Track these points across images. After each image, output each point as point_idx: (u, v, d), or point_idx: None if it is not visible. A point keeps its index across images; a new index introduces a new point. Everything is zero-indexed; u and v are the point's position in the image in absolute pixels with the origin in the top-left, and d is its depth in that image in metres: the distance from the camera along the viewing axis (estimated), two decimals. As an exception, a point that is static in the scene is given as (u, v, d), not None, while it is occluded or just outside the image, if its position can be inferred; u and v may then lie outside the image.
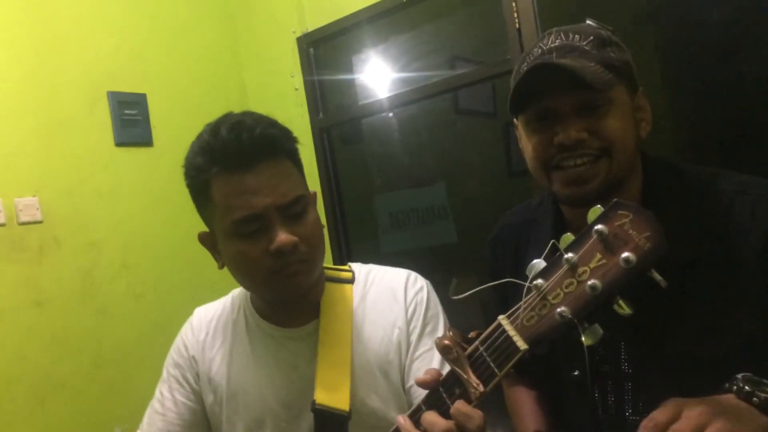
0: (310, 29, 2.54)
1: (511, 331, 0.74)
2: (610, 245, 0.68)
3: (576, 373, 0.98)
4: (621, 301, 0.69)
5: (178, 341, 1.22)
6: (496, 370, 0.75)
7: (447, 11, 2.30)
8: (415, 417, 0.81)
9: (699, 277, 0.90)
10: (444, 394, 0.79)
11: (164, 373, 1.22)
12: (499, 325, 0.75)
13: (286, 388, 1.10)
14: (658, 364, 0.91)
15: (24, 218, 2.03)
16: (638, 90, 1.01)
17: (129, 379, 2.18)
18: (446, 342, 0.77)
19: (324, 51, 2.59)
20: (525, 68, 0.96)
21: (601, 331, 0.71)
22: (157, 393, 1.21)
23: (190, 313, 1.25)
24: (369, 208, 2.54)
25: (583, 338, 0.70)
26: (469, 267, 1.13)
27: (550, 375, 1.06)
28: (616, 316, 0.69)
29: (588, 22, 1.01)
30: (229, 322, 1.18)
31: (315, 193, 1.11)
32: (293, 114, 2.58)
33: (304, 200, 1.03)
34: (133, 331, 2.24)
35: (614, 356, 0.97)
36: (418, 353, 1.10)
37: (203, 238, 1.10)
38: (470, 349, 0.77)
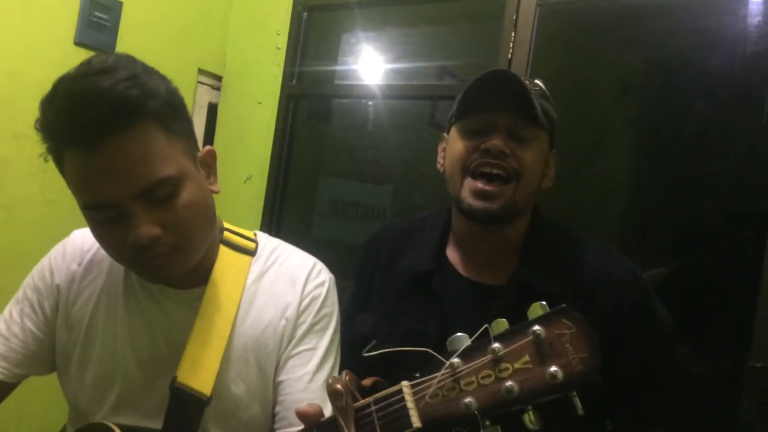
0: (310, -7, 2.40)
1: (410, 404, 0.65)
2: (542, 352, 0.60)
3: None
4: (532, 414, 0.61)
5: (44, 263, 1.04)
6: None
7: (447, 20, 2.21)
8: None
9: (554, 296, 0.93)
10: None
11: (20, 293, 1.05)
12: (400, 391, 0.67)
13: (149, 351, 0.97)
14: None
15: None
16: (553, 149, 1.15)
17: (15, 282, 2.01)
18: (338, 387, 0.68)
19: (317, 20, 2.45)
20: (482, 73, 1.07)
21: (501, 433, 0.63)
22: (6, 311, 1.04)
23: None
24: (313, 188, 2.43)
25: (483, 436, 0.62)
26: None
27: None
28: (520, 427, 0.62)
29: (536, 81, 1.15)
30: (108, 260, 1.01)
31: (212, 152, 0.96)
32: (268, 72, 2.43)
33: (173, 180, 0.84)
34: (34, 236, 2.06)
35: None
36: (297, 350, 0.98)
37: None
38: (362, 402, 0.69)
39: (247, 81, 2.51)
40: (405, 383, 0.67)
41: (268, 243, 1.07)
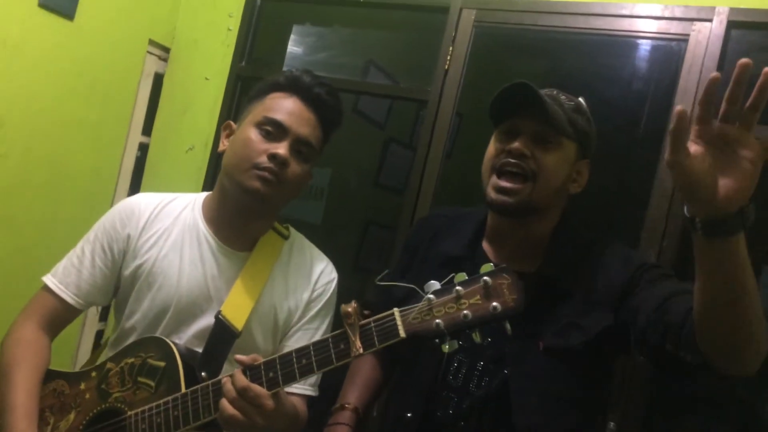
0: (265, -18, 2.70)
1: (399, 322, 1.05)
2: (488, 293, 1.01)
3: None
4: (477, 332, 1.03)
5: (115, 215, 1.39)
6: (376, 342, 1.06)
7: (394, 26, 2.59)
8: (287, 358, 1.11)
9: (571, 295, 1.27)
10: (331, 345, 1.09)
11: (91, 234, 1.39)
12: (392, 314, 1.06)
13: (200, 289, 1.33)
14: (532, 356, 1.25)
15: None
16: (586, 159, 1.35)
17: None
18: (349, 309, 1.06)
19: (270, 8, 2.74)
20: (506, 85, 1.27)
21: (456, 345, 1.04)
22: (78, 247, 1.39)
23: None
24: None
25: (445, 346, 1.03)
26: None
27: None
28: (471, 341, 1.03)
29: (580, 99, 1.37)
30: (174, 213, 1.39)
31: (311, 174, 1.40)
32: (217, 51, 2.70)
33: (311, 152, 1.35)
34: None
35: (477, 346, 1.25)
36: (305, 326, 1.39)
37: (227, 125, 1.42)
38: (364, 322, 1.07)
39: (195, 56, 2.76)
40: (396, 309, 1.06)
41: (297, 236, 1.47)
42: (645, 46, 2.14)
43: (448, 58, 2.29)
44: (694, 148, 0.88)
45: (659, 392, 2.00)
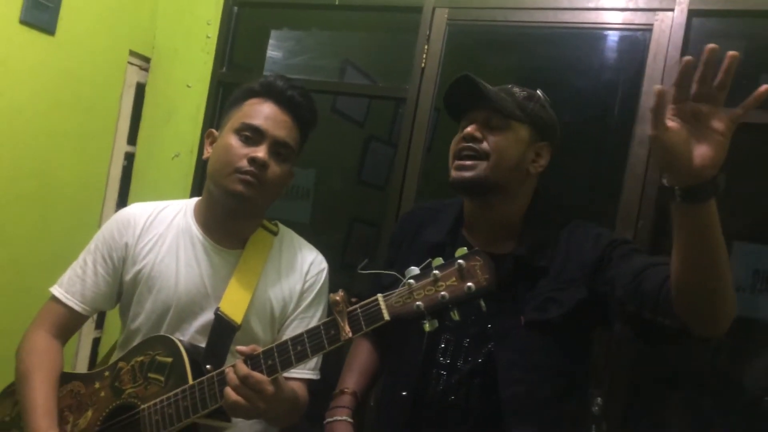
0: (241, -10, 2.78)
1: (383, 306, 1.15)
2: (463, 275, 1.11)
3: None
4: (455, 310, 1.13)
5: (112, 225, 1.50)
6: (363, 326, 1.16)
7: (370, 27, 2.68)
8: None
9: (547, 274, 1.40)
10: (322, 331, 1.19)
11: (92, 245, 1.50)
12: (376, 300, 1.17)
13: (197, 288, 1.44)
14: (515, 331, 1.38)
15: None
16: (546, 143, 1.46)
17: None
18: (337, 298, 1.17)
19: (247, 14, 2.83)
20: (451, 83, 1.43)
21: (436, 324, 1.13)
22: (80, 258, 1.50)
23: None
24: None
25: (426, 325, 1.12)
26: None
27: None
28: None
29: (537, 90, 1.50)
30: (167, 219, 1.50)
31: (292, 173, 1.51)
32: (198, 59, 2.78)
33: (290, 154, 1.46)
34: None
35: (462, 325, 1.38)
36: (301, 315, 1.50)
37: (209, 133, 1.49)
38: (351, 308, 1.18)
39: (175, 65, 2.84)
40: (379, 295, 1.17)
41: (286, 231, 1.58)
42: (612, 37, 2.25)
43: (424, 56, 2.39)
44: (671, 124, 1.00)
45: (643, 368, 2.11)
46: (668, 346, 1.64)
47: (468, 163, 1.40)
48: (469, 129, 1.40)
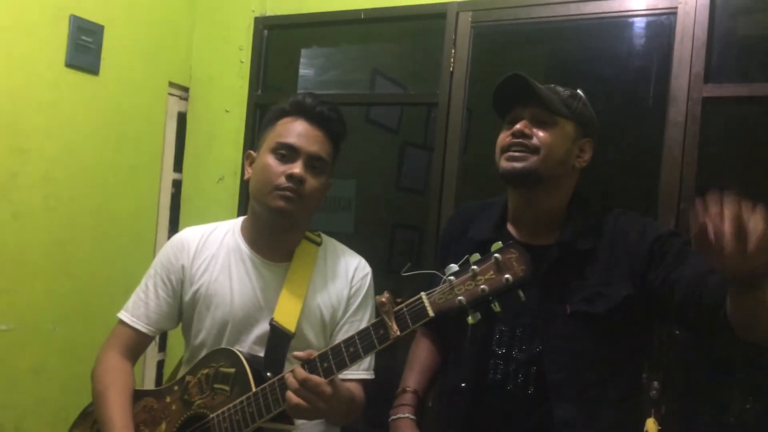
0: (269, 13, 2.90)
1: (426, 303, 1.23)
2: (500, 267, 1.18)
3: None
4: (496, 302, 1.19)
5: (168, 250, 1.63)
6: (410, 324, 1.24)
7: (395, 36, 2.77)
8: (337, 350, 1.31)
9: (594, 261, 1.46)
10: (372, 332, 1.28)
11: (152, 270, 1.63)
12: (420, 298, 1.25)
13: (251, 302, 1.55)
14: (561, 319, 1.44)
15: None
16: (589, 139, 1.53)
17: (22, 281, 2.40)
18: (384, 299, 1.25)
19: (277, 36, 2.95)
20: (500, 79, 1.49)
21: (479, 317, 1.20)
22: (142, 283, 1.63)
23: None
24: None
25: (469, 318, 1.19)
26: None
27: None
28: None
29: (578, 90, 1.55)
30: (218, 240, 1.62)
31: (329, 183, 1.60)
32: (233, 84, 2.92)
33: (324, 167, 1.54)
34: (38, 239, 2.46)
35: (514, 316, 1.47)
36: (350, 319, 1.60)
37: (248, 155, 1.59)
38: (397, 308, 1.27)
39: (213, 92, 2.99)
40: (423, 293, 1.25)
41: (329, 240, 1.68)
42: (638, 23, 2.27)
43: (452, 60, 2.46)
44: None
45: (699, 352, 2.12)
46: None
47: (519, 154, 1.45)
48: (519, 125, 1.46)
